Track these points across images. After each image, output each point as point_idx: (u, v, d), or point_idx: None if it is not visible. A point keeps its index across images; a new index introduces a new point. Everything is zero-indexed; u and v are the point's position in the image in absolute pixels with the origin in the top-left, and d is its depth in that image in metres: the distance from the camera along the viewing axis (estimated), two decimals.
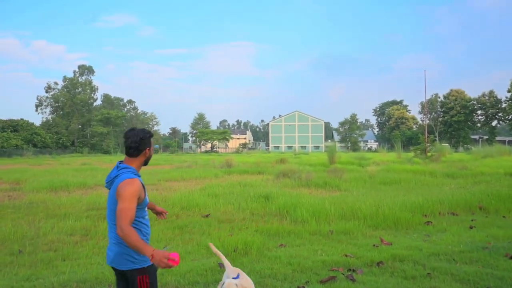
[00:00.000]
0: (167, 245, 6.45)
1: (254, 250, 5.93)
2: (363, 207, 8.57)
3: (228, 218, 8.40)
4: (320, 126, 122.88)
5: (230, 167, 23.42)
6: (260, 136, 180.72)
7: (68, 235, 6.94)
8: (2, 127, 68.88)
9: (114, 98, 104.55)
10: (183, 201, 9.91)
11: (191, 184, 15.57)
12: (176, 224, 7.79)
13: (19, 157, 53.38)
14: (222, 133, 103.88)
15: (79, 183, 14.41)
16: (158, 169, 24.94)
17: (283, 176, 17.22)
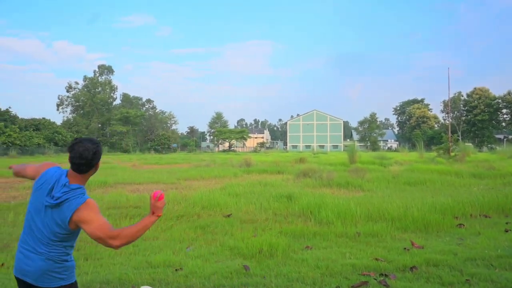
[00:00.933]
0: (190, 246, 6.30)
1: (280, 252, 5.73)
2: (390, 208, 8.28)
3: (250, 218, 8.21)
4: (339, 125, 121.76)
5: (249, 166, 23.25)
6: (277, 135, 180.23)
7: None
8: (24, 126, 70.30)
9: (133, 97, 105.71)
10: (203, 200, 9.75)
11: (210, 183, 15.45)
12: (197, 224, 7.64)
13: (41, 156, 54.37)
14: (239, 132, 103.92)
15: (99, 182, 14.43)
16: (177, 168, 24.99)
17: (304, 175, 16.96)
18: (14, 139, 59.89)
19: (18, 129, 64.16)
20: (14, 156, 47.68)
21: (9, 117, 68.17)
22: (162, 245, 6.32)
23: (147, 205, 9.57)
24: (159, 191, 2.48)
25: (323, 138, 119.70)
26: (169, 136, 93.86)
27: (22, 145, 60.96)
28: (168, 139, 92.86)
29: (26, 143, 62.40)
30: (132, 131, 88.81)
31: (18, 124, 67.72)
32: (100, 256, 5.74)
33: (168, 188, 13.71)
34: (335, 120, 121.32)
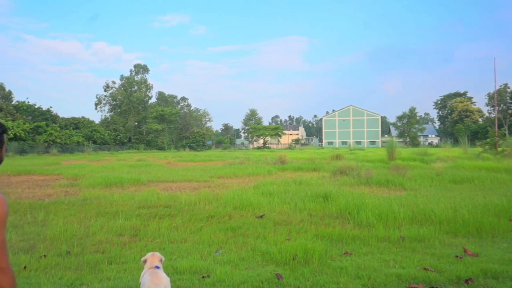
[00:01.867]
0: (219, 250, 5.90)
1: (316, 258, 5.23)
2: (437, 210, 7.58)
3: (284, 220, 7.73)
4: (376, 121, 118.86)
5: (284, 164, 22.76)
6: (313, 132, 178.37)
7: (117, 235, 6.60)
8: (65, 125, 72.80)
9: (168, 95, 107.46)
10: (235, 200, 9.36)
11: (243, 181, 15.09)
12: (228, 225, 7.24)
13: (80, 153, 56.07)
14: (274, 129, 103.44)
15: (133, 180, 14.39)
16: (211, 165, 24.82)
17: (341, 173, 16.28)
18: (55, 138, 62.06)
19: (58, 128, 66.49)
20: (55, 154, 49.32)
21: (50, 116, 70.73)
22: (190, 248, 5.96)
23: (178, 204, 9.30)
24: None
25: (359, 134, 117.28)
26: (203, 134, 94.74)
27: (63, 143, 63.11)
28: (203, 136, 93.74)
29: (66, 141, 64.58)
30: (167, 129, 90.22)
31: (59, 123, 70.21)
32: (125, 260, 5.45)
33: (201, 187, 13.46)
34: (372, 116, 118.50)
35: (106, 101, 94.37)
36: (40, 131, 60.62)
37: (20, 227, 7.18)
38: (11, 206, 9.24)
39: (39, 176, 18.12)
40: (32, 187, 13.73)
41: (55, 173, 19.02)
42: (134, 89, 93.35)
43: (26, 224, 7.44)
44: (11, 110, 63.50)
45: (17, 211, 8.73)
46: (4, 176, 18.20)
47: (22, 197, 11.17)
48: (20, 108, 67.92)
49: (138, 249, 5.86)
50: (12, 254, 5.66)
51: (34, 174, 19.07)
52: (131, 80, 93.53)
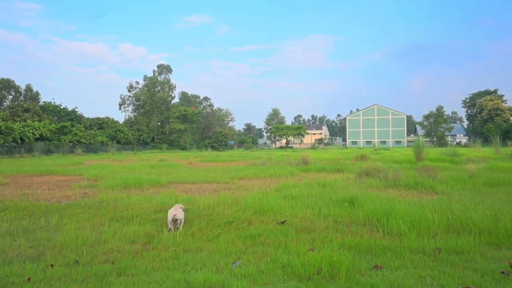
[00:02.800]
0: (237, 261, 5.45)
1: (343, 273, 4.72)
2: (475, 217, 6.92)
3: (307, 227, 7.21)
4: (402, 120, 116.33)
5: (307, 164, 22.18)
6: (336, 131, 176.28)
7: (129, 243, 6.23)
8: (89, 125, 74.02)
9: (191, 95, 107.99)
10: (256, 203, 8.90)
11: (265, 183, 14.62)
12: (248, 233, 6.77)
13: (104, 153, 56.78)
14: (297, 128, 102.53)
15: (152, 181, 14.13)
16: (233, 166, 24.46)
17: (366, 175, 15.62)
18: (80, 138, 63.12)
19: (83, 128, 67.61)
20: (79, 154, 50.03)
21: (75, 116, 72.05)
22: (206, 258, 5.52)
23: (196, 208, 8.90)
24: None
25: (384, 134, 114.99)
26: (226, 133, 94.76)
27: (87, 143, 64.12)
28: (225, 136, 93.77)
29: (91, 141, 65.61)
30: (190, 129, 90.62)
31: (84, 123, 71.40)
32: (135, 272, 5.05)
33: (221, 188, 13.07)
34: (397, 115, 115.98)
35: (130, 101, 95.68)
36: (65, 131, 61.74)
37: (32, 232, 6.91)
38: (27, 208, 9.06)
39: (60, 177, 18.13)
40: (52, 188, 13.63)
41: (76, 174, 19.02)
42: (157, 89, 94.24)
43: (39, 229, 7.17)
44: (38, 111, 64.91)
45: (32, 214, 8.51)
46: (27, 177, 18.31)
47: (40, 199, 11.03)
48: (47, 109, 69.39)
49: (150, 259, 5.46)
50: (18, 262, 5.36)
51: (56, 175, 19.12)
52: (154, 80, 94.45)
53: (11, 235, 6.72)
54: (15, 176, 18.30)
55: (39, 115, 63.73)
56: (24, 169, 20.89)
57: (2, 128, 48.93)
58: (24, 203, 9.78)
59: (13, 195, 11.81)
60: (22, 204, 9.67)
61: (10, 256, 5.65)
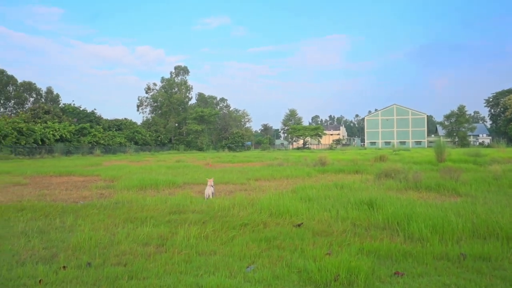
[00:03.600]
0: (251, 265, 5.28)
1: (362, 279, 4.50)
2: (501, 222, 6.58)
3: (324, 230, 6.99)
4: (422, 120, 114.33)
5: (324, 165, 21.87)
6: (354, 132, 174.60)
7: (142, 245, 6.13)
8: (108, 126, 74.99)
9: (208, 96, 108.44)
10: (272, 205, 8.72)
11: (281, 184, 14.43)
12: (263, 235, 6.59)
13: (122, 154, 57.35)
14: (314, 129, 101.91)
15: (168, 182, 14.10)
16: (249, 166, 24.33)
17: (386, 176, 15.26)
18: (98, 139, 64.00)
19: (102, 129, 68.55)
20: (98, 155, 50.67)
21: (94, 118, 73.12)
22: (219, 262, 5.37)
23: (211, 209, 8.77)
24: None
25: (404, 134, 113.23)
26: (242, 134, 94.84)
27: (106, 144, 64.99)
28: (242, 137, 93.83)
29: (109, 142, 66.49)
30: (207, 130, 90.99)
31: (102, 125, 72.38)
32: (147, 275, 4.93)
33: (237, 190, 12.94)
34: (417, 115, 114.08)
35: (148, 102, 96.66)
36: (84, 133, 62.69)
37: (47, 233, 6.88)
38: (44, 209, 9.08)
39: (78, 177, 18.29)
40: (69, 189, 13.72)
41: (94, 174, 19.17)
42: (174, 90, 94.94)
43: (53, 229, 7.15)
44: (58, 113, 66.09)
45: (48, 215, 8.52)
46: (46, 177, 18.54)
47: (58, 199, 11.08)
48: (66, 111, 70.62)
49: (162, 262, 5.34)
50: (31, 263, 5.31)
51: (75, 175, 19.31)
52: (171, 82, 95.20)
53: (26, 235, 6.70)
54: (34, 177, 18.55)
55: (59, 116, 64.87)
56: (43, 170, 21.18)
57: (23, 130, 49.96)
58: (41, 204, 9.82)
59: (31, 195, 11.92)
60: (39, 204, 9.72)
61: (23, 257, 5.61)
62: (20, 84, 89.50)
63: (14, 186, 14.63)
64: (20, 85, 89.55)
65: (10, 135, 47.56)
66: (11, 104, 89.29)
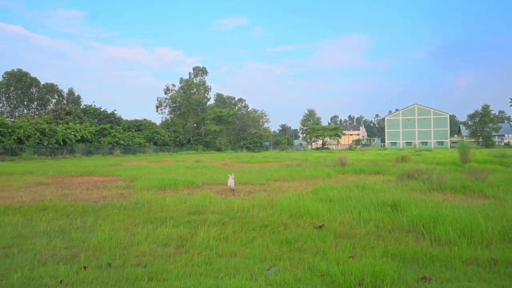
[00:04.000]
0: (272, 267, 5.16)
1: (387, 284, 4.34)
2: None
3: (346, 232, 6.82)
4: (444, 120, 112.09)
5: (344, 166, 21.58)
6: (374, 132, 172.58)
7: (162, 246, 6.08)
8: (128, 127, 75.96)
9: (226, 97, 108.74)
10: (292, 206, 8.59)
11: (301, 185, 14.27)
12: (283, 237, 6.46)
13: (141, 154, 57.95)
14: (333, 129, 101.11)
15: (187, 182, 14.10)
16: (268, 167, 24.20)
17: (408, 177, 14.93)
18: (118, 139, 64.88)
19: (122, 130, 69.47)
20: (118, 155, 51.30)
21: (114, 118, 74.17)
22: (240, 264, 5.27)
23: (230, 210, 8.69)
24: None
25: (426, 134, 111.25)
26: (261, 134, 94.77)
27: (125, 145, 65.83)
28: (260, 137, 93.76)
29: (129, 143, 67.34)
30: (225, 130, 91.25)
31: (122, 125, 73.34)
32: (167, 277, 4.87)
33: (256, 190, 12.84)
34: (439, 114, 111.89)
35: (167, 103, 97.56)
36: (105, 133, 63.62)
37: (68, 233, 6.91)
38: (65, 209, 9.16)
39: (99, 177, 18.50)
40: (90, 189, 13.86)
41: (114, 174, 19.36)
42: (193, 91, 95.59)
43: (74, 229, 7.17)
44: (79, 114, 67.28)
45: (69, 214, 8.58)
46: (68, 177, 18.81)
47: (78, 199, 11.18)
48: (87, 112, 71.83)
49: (182, 264, 5.27)
50: (52, 263, 5.31)
51: (95, 175, 19.54)
52: (190, 82, 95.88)
53: (47, 235, 6.74)
54: (56, 177, 18.84)
55: (80, 117, 66.05)
56: (65, 170, 21.52)
57: (46, 131, 51.02)
58: (63, 204, 9.91)
59: (53, 195, 12.07)
60: (60, 204, 9.81)
61: (45, 257, 5.63)
62: (42, 86, 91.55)
63: (37, 186, 14.86)
64: (42, 87, 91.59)
65: (33, 136, 48.64)
66: (34, 105, 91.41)
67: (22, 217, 8.29)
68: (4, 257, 5.55)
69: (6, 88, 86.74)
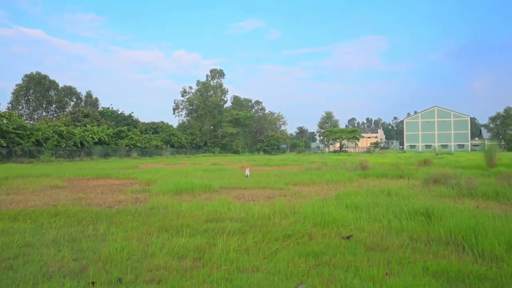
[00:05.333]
0: (299, 285, 4.62)
1: None
2: None
3: (377, 244, 6.24)
4: (465, 123, 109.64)
5: (365, 170, 20.88)
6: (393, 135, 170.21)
7: (178, 258, 5.59)
8: (145, 129, 76.29)
9: (243, 99, 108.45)
10: (315, 214, 8.04)
11: (322, 190, 13.68)
12: (309, 249, 5.92)
13: (158, 157, 57.99)
14: (351, 131, 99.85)
15: (204, 186, 13.64)
16: (286, 170, 23.63)
17: (435, 182, 14.22)
18: (135, 142, 65.10)
19: (139, 132, 69.77)
20: (135, 157, 51.36)
21: (131, 121, 74.60)
22: (263, 281, 4.74)
23: (250, 217, 8.17)
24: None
25: (446, 137, 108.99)
26: (278, 137, 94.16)
27: (142, 147, 66.02)
28: (277, 139, 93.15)
29: (146, 145, 67.54)
30: (242, 132, 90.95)
31: (139, 128, 73.67)
32: None
33: (276, 195, 12.31)
34: (460, 117, 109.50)
35: (183, 106, 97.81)
36: (122, 136, 63.91)
37: (78, 242, 6.49)
38: (77, 214, 8.79)
39: (115, 180, 18.23)
40: (105, 192, 13.54)
41: (130, 177, 19.08)
42: (209, 93, 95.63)
43: (85, 238, 6.75)
44: (97, 116, 67.80)
45: (82, 221, 8.18)
46: (83, 180, 18.59)
47: (93, 204, 10.84)
48: (105, 114, 72.36)
49: (200, 280, 4.77)
50: (59, 277, 4.87)
51: (111, 178, 19.30)
52: (207, 85, 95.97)
53: (56, 244, 6.33)
54: (72, 180, 18.64)
55: (98, 120, 66.55)
56: (81, 172, 21.34)
57: (64, 133, 51.43)
58: (76, 209, 9.56)
59: (67, 199, 11.76)
60: (73, 209, 9.46)
61: (51, 269, 5.20)
62: (61, 89, 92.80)
63: (52, 189, 14.62)
64: (61, 90, 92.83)
65: (51, 138, 49.05)
66: (53, 108, 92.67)
67: (32, 224, 7.93)
68: (8, 270, 5.14)
69: (26, 91, 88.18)
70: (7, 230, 7.32)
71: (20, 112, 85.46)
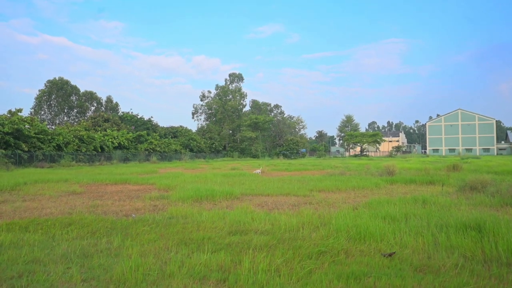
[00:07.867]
0: None
1: None
2: None
3: (426, 264, 5.44)
4: (490, 126, 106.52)
5: (392, 175, 19.93)
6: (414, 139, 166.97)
7: (199, 281, 4.91)
8: (164, 134, 76.44)
9: (262, 103, 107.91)
10: (349, 226, 7.29)
11: (349, 197, 12.88)
12: (349, 270, 5.16)
13: (177, 161, 57.79)
14: (372, 135, 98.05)
15: (225, 192, 13.00)
16: (308, 175, 22.82)
17: (471, 189, 13.26)
18: (155, 146, 65.15)
19: (158, 137, 69.87)
20: (154, 162, 51.23)
21: (151, 125, 74.83)
22: None
23: (277, 229, 7.41)
24: None
25: (470, 141, 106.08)
26: (297, 141, 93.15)
27: (162, 151, 66.00)
28: (297, 144, 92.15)
29: (165, 149, 67.51)
30: (261, 137, 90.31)
31: (159, 132, 73.85)
32: None
33: (301, 203, 11.57)
34: (485, 120, 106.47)
35: (202, 110, 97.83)
36: (141, 140, 64.02)
37: (89, 257, 5.88)
38: (92, 224, 8.24)
39: (133, 186, 17.77)
40: (123, 199, 13.04)
41: (149, 183, 18.61)
42: (228, 98, 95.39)
43: (97, 253, 6.15)
44: (117, 121, 68.14)
45: (95, 232, 7.61)
46: (102, 185, 18.19)
47: (109, 212, 10.31)
48: (125, 119, 72.77)
49: None
50: None
51: (130, 183, 18.87)
52: (225, 89, 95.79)
53: (66, 260, 5.74)
54: (90, 185, 18.27)
55: (117, 124, 66.88)
56: (100, 178, 20.99)
57: (84, 138, 51.69)
58: (91, 218, 9.03)
59: (83, 206, 11.28)
60: (88, 218, 8.93)
61: None
62: (82, 94, 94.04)
63: (69, 195, 14.21)
64: (82, 95, 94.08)
65: (72, 143, 49.32)
66: (74, 113, 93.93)
67: (43, 235, 7.39)
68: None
69: (48, 96, 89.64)
70: (16, 243, 6.79)
71: (42, 117, 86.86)
